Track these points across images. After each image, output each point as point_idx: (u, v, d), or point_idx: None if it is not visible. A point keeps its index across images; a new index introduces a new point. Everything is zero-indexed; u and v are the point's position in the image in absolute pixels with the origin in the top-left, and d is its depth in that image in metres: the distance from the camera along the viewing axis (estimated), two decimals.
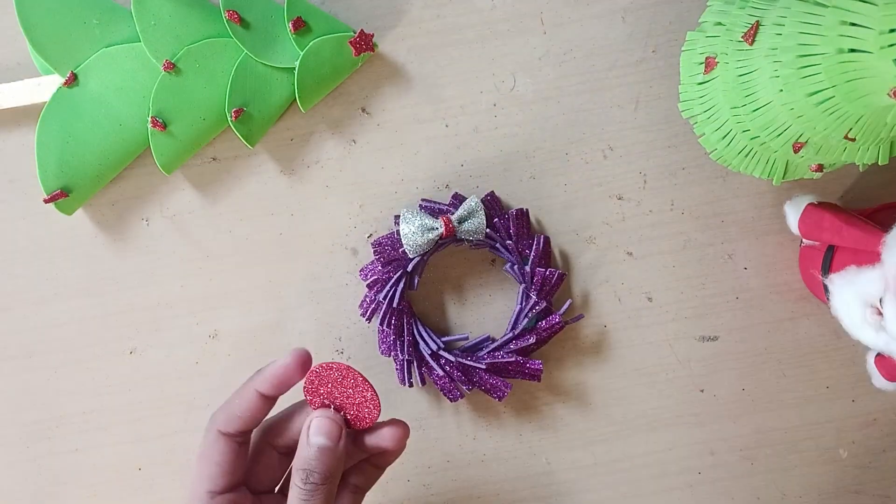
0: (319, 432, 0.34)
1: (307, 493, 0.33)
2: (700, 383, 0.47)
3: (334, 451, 0.35)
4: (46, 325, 0.48)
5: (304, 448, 0.34)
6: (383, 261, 0.45)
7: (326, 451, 0.34)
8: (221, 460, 0.35)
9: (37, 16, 0.44)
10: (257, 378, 0.36)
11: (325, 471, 0.34)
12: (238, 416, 0.35)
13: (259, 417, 0.36)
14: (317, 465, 0.34)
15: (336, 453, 0.35)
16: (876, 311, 0.36)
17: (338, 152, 0.48)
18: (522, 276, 0.45)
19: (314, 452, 0.34)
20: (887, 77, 0.30)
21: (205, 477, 0.35)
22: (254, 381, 0.36)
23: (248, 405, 0.36)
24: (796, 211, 0.43)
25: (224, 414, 0.36)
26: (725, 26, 0.40)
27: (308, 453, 0.34)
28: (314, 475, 0.34)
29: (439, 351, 0.45)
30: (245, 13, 0.45)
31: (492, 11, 0.47)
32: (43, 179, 0.45)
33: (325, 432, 0.34)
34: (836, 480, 0.47)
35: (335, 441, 0.35)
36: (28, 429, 0.48)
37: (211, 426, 0.36)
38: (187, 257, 0.48)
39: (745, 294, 0.47)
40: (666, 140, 0.47)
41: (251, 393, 0.36)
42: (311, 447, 0.34)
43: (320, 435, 0.34)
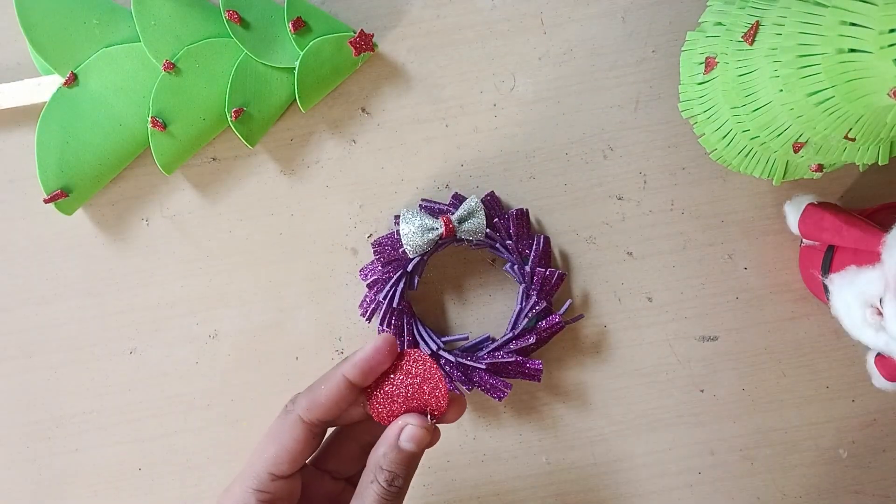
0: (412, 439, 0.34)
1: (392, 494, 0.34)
2: (700, 383, 0.47)
3: (419, 457, 0.35)
4: (46, 325, 0.48)
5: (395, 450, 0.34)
6: (383, 261, 0.45)
7: (414, 458, 0.35)
8: (293, 447, 0.35)
9: (37, 16, 0.44)
10: (345, 364, 0.35)
11: (409, 476, 0.34)
12: (322, 403, 0.35)
13: (342, 407, 0.35)
14: (404, 470, 0.34)
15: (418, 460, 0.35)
16: (876, 311, 0.36)
17: (338, 152, 0.48)
18: (522, 276, 0.45)
19: (403, 456, 0.34)
20: (887, 77, 0.30)
21: (271, 458, 0.34)
22: (342, 367, 0.35)
23: (335, 392, 0.35)
24: (796, 211, 0.43)
25: (308, 400, 0.35)
26: (725, 26, 0.40)
27: (398, 457, 0.34)
28: (400, 479, 0.34)
29: (439, 351, 0.45)
30: (245, 13, 0.45)
31: (492, 11, 0.47)
32: (43, 179, 0.45)
33: (418, 441, 0.34)
34: (836, 480, 0.47)
35: (423, 449, 0.35)
36: (28, 429, 0.48)
37: (291, 409, 0.35)
38: (187, 257, 0.48)
39: (745, 294, 0.47)
40: (666, 140, 0.47)
41: (339, 379, 0.35)
42: (401, 451, 0.34)
43: (412, 442, 0.34)
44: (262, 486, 0.34)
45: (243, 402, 0.48)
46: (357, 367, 0.35)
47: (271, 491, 0.34)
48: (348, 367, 0.35)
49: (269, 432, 0.35)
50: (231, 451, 0.48)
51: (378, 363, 0.35)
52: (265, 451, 0.35)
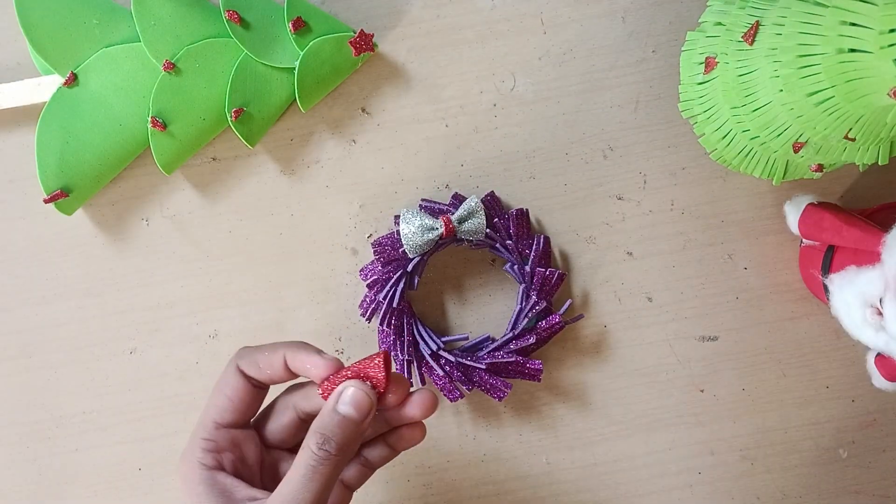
0: (350, 402, 0.34)
1: (319, 459, 0.33)
2: (700, 383, 0.47)
3: (359, 424, 0.34)
4: (46, 325, 0.48)
5: (329, 414, 0.34)
6: (383, 261, 0.45)
7: (350, 423, 0.33)
8: (233, 395, 0.35)
9: (37, 16, 0.44)
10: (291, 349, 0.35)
11: (343, 442, 0.33)
12: (259, 368, 0.35)
13: (276, 381, 0.36)
14: (337, 433, 0.33)
15: (360, 428, 0.34)
16: (876, 311, 0.36)
17: (338, 152, 0.48)
18: (522, 276, 0.45)
19: (338, 420, 0.33)
20: (887, 77, 0.30)
21: (214, 406, 0.36)
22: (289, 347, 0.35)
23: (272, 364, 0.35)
24: (796, 211, 0.43)
25: (249, 357, 0.36)
26: (725, 26, 0.40)
27: (331, 420, 0.33)
28: (331, 443, 0.33)
29: (439, 351, 0.45)
30: (245, 13, 0.45)
31: (492, 11, 0.47)
32: (43, 179, 0.45)
33: (356, 404, 0.34)
34: (836, 480, 0.47)
35: (363, 415, 0.34)
36: (28, 429, 0.48)
37: (233, 361, 0.36)
38: (187, 257, 0.48)
39: (745, 294, 0.47)
40: (666, 140, 0.47)
41: (279, 357, 0.35)
42: (336, 414, 0.33)
43: (350, 405, 0.34)
44: (208, 435, 0.35)
45: None
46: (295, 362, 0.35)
47: (215, 439, 0.35)
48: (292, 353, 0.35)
49: (215, 385, 0.36)
50: None
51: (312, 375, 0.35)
52: (210, 402, 0.36)
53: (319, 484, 0.32)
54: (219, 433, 0.35)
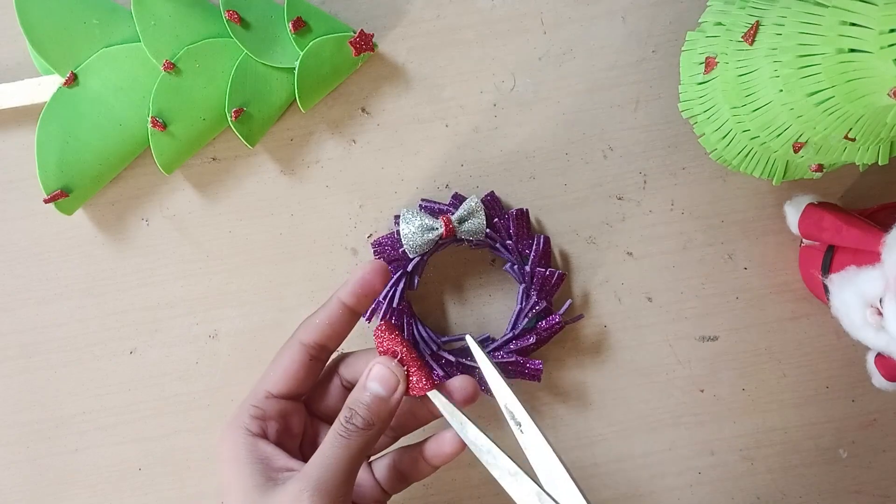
0: (376, 378, 0.35)
1: (346, 431, 0.34)
2: (700, 383, 0.47)
3: (386, 401, 0.35)
4: (46, 325, 0.48)
5: (359, 389, 0.35)
6: (383, 261, 0.45)
7: (377, 400, 0.34)
8: (288, 367, 0.36)
9: (37, 16, 0.44)
10: (341, 289, 0.37)
11: (370, 417, 0.34)
12: (317, 324, 0.36)
13: (340, 332, 0.37)
14: (364, 409, 0.34)
15: (388, 404, 0.35)
16: (876, 311, 0.36)
17: (338, 152, 0.48)
18: (522, 276, 0.45)
19: (366, 396, 0.34)
20: (887, 77, 0.30)
21: (269, 377, 0.36)
22: (338, 291, 0.37)
23: (331, 315, 0.36)
24: (796, 211, 0.43)
25: (307, 322, 0.37)
26: (725, 26, 0.40)
27: (359, 395, 0.34)
28: (357, 418, 0.34)
29: (439, 351, 0.45)
30: (245, 13, 0.45)
31: (492, 11, 0.47)
32: (43, 179, 0.45)
33: (382, 381, 0.35)
34: (836, 480, 0.47)
35: (389, 392, 0.35)
36: (28, 429, 0.48)
37: (294, 334, 0.37)
38: (187, 257, 0.48)
39: (745, 294, 0.47)
40: (666, 140, 0.47)
41: (335, 302, 0.36)
42: (365, 390, 0.35)
43: (376, 381, 0.35)
44: (258, 402, 0.36)
45: None
46: (350, 290, 0.36)
47: (264, 407, 0.36)
48: (343, 290, 0.36)
49: (274, 358, 0.37)
50: None
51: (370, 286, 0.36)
52: (266, 373, 0.37)
53: (345, 454, 0.33)
54: (268, 402, 0.36)
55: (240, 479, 0.34)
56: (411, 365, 0.36)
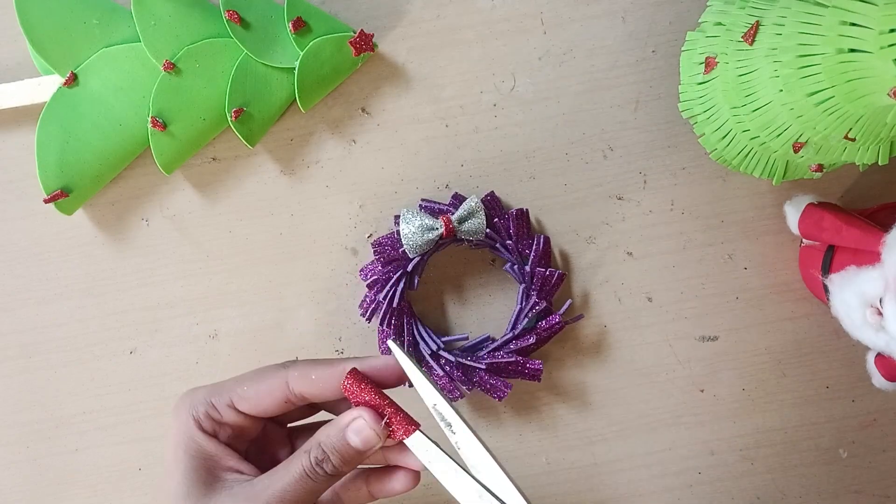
0: (359, 434, 0.34)
1: (314, 473, 0.33)
2: (700, 383, 0.47)
3: (360, 456, 0.34)
4: (46, 325, 0.48)
5: (337, 435, 0.34)
6: (383, 261, 0.45)
7: (353, 453, 0.34)
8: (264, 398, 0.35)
9: (37, 16, 0.44)
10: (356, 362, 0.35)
11: (341, 467, 0.34)
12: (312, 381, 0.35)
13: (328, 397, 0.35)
14: (337, 458, 0.34)
15: (360, 459, 0.34)
16: (876, 311, 0.36)
17: (338, 152, 0.48)
18: (522, 276, 0.45)
19: (342, 446, 0.34)
20: (887, 77, 0.30)
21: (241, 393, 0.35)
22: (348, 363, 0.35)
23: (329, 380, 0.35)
24: (796, 211, 0.43)
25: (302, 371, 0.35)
26: (725, 26, 0.40)
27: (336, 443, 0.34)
28: (328, 464, 0.33)
29: (439, 351, 0.45)
30: (245, 13, 0.45)
31: (492, 11, 0.47)
32: (43, 179, 0.45)
33: (364, 438, 0.34)
34: (836, 480, 0.47)
35: (367, 449, 0.34)
36: (28, 429, 0.48)
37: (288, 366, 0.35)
38: (187, 257, 0.48)
39: (745, 294, 0.47)
40: (666, 140, 0.47)
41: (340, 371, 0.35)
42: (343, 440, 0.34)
43: (358, 437, 0.34)
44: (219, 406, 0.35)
45: None
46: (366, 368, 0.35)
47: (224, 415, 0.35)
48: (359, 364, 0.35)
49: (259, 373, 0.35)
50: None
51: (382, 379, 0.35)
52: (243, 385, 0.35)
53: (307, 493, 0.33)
54: (228, 412, 0.35)
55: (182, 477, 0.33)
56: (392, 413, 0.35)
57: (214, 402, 0.35)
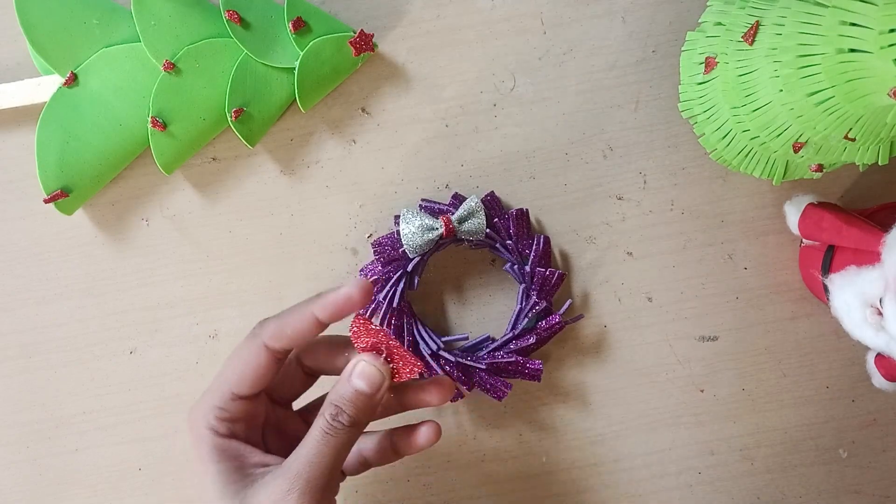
0: (363, 376, 0.34)
1: (333, 429, 0.34)
2: (700, 383, 0.47)
3: (371, 399, 0.34)
4: (46, 325, 0.48)
5: (344, 386, 0.34)
6: (383, 261, 0.45)
7: (363, 397, 0.34)
8: (256, 369, 0.35)
9: (37, 16, 0.44)
10: (317, 301, 0.35)
11: (357, 415, 0.34)
12: (288, 335, 0.35)
13: (306, 340, 0.36)
14: (350, 407, 0.34)
15: (372, 402, 0.34)
16: (876, 311, 0.36)
17: (338, 152, 0.48)
18: (522, 276, 0.45)
19: (351, 394, 0.34)
20: (887, 77, 0.30)
21: (235, 379, 0.35)
22: (313, 303, 0.35)
23: (302, 326, 0.35)
24: (796, 211, 0.43)
25: (275, 327, 0.35)
26: (725, 26, 0.40)
27: (345, 392, 0.34)
28: (344, 416, 0.34)
29: (439, 351, 0.45)
30: (245, 13, 0.45)
31: (492, 11, 0.47)
32: (43, 179, 0.45)
33: (368, 379, 0.34)
34: (836, 480, 0.47)
35: (375, 390, 0.34)
36: (28, 429, 0.48)
37: (257, 332, 0.36)
38: (187, 257, 0.48)
39: (745, 294, 0.47)
40: (666, 140, 0.47)
41: (308, 315, 0.35)
42: (350, 388, 0.34)
43: (363, 379, 0.34)
44: (224, 405, 0.35)
45: None
46: (328, 308, 0.35)
47: (231, 410, 0.35)
48: (319, 305, 0.35)
49: (235, 354, 0.36)
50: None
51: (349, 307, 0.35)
52: (230, 372, 0.36)
53: (333, 451, 0.33)
54: (234, 404, 0.35)
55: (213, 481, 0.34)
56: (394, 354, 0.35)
57: (218, 405, 0.35)
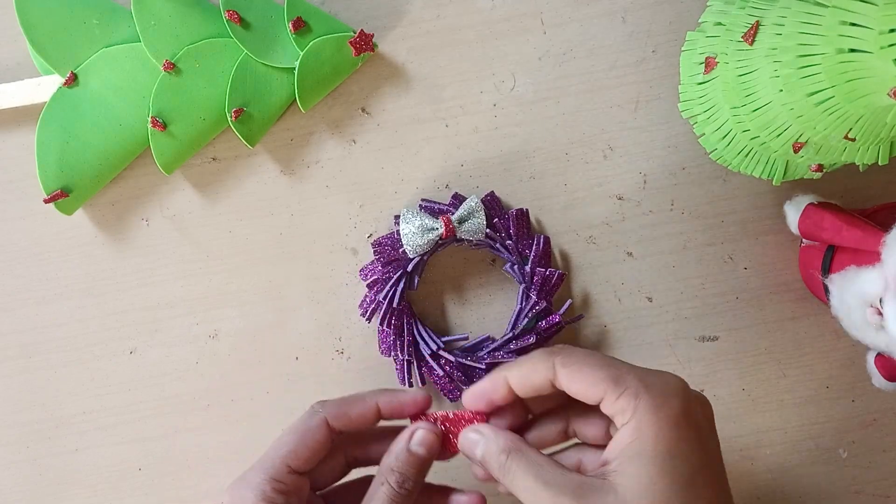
0: (423, 444, 0.36)
1: (401, 497, 0.35)
2: (700, 383, 0.47)
3: (429, 463, 0.36)
4: (46, 325, 0.48)
5: (404, 453, 0.36)
6: (383, 261, 0.45)
7: (425, 462, 0.36)
8: (314, 445, 0.36)
9: (37, 16, 0.44)
10: (384, 395, 0.37)
11: (419, 479, 0.35)
12: (350, 419, 0.36)
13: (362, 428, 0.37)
14: (414, 472, 0.35)
15: (428, 466, 0.36)
16: (876, 311, 0.36)
17: (338, 152, 0.48)
18: (522, 276, 0.45)
19: (414, 460, 0.35)
20: (887, 77, 0.30)
21: (292, 452, 0.36)
22: (379, 395, 0.37)
23: (366, 414, 0.37)
24: (796, 211, 0.43)
25: (338, 409, 0.37)
26: (725, 26, 0.40)
27: (408, 459, 0.35)
28: (409, 482, 0.35)
29: (439, 351, 0.45)
30: (245, 13, 0.45)
31: (492, 11, 0.47)
32: (43, 179, 0.45)
33: (428, 445, 0.36)
34: (836, 480, 0.47)
35: (433, 455, 0.36)
36: (28, 429, 0.48)
37: (320, 410, 0.36)
38: (187, 257, 0.48)
39: (745, 294, 0.47)
40: (666, 140, 0.47)
41: (372, 405, 0.37)
42: (413, 454, 0.36)
43: (422, 446, 0.36)
44: (279, 477, 0.35)
45: (243, 402, 0.48)
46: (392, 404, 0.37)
47: (286, 482, 0.35)
48: (385, 398, 0.37)
49: (293, 428, 0.36)
50: (231, 451, 0.48)
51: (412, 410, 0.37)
52: (286, 445, 0.36)
53: None
54: (290, 477, 0.36)
55: None
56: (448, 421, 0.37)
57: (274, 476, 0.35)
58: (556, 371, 0.33)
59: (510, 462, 0.34)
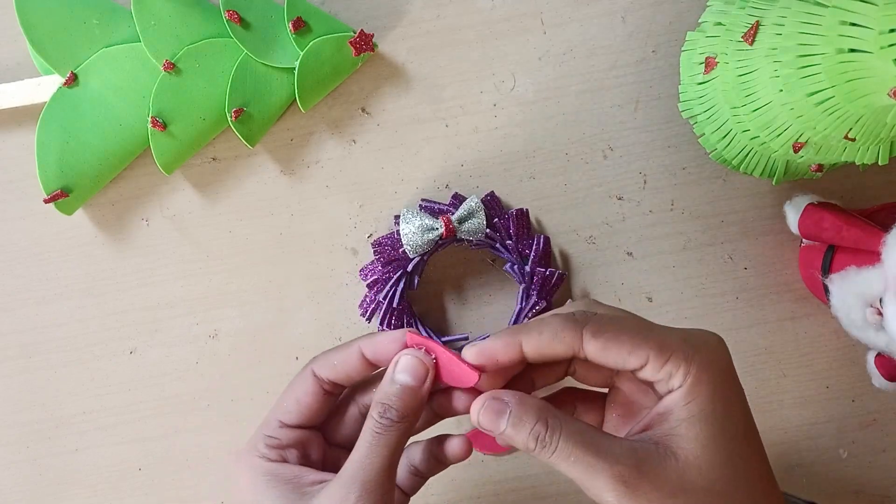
0: (405, 370, 0.34)
1: (382, 426, 0.33)
2: None
3: (416, 391, 0.34)
4: (46, 325, 0.48)
5: (387, 383, 0.34)
6: (383, 261, 0.45)
7: (408, 390, 0.34)
8: (301, 397, 0.36)
9: (37, 16, 0.44)
10: (366, 340, 0.36)
11: (404, 409, 0.34)
12: (335, 366, 0.36)
13: (353, 377, 0.36)
14: (396, 401, 0.34)
15: (418, 394, 0.34)
16: (876, 311, 0.36)
17: (338, 152, 0.48)
18: (522, 276, 0.45)
19: (396, 389, 0.34)
20: (887, 77, 0.30)
21: (282, 407, 0.36)
22: (361, 340, 0.36)
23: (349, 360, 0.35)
24: (796, 211, 0.44)
25: (324, 359, 0.36)
26: (725, 26, 0.40)
27: (390, 389, 0.34)
28: (392, 411, 0.33)
29: None
30: (245, 13, 0.45)
31: (492, 11, 0.47)
32: (43, 179, 0.45)
33: (411, 371, 0.34)
34: (836, 480, 0.47)
35: (419, 381, 0.34)
36: (28, 429, 0.48)
37: (307, 365, 0.36)
38: (187, 257, 0.48)
39: (745, 294, 0.47)
40: (666, 140, 0.47)
41: (355, 351, 0.35)
42: (394, 384, 0.34)
43: (405, 372, 0.34)
44: (270, 432, 0.35)
45: (243, 402, 0.48)
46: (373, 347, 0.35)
47: (279, 437, 0.35)
48: (367, 343, 0.35)
49: (287, 387, 0.36)
50: (231, 451, 0.48)
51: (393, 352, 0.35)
52: (279, 403, 0.36)
53: (386, 450, 0.33)
54: (283, 431, 0.36)
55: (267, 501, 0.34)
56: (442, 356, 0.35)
57: (266, 433, 0.35)
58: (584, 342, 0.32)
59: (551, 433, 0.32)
